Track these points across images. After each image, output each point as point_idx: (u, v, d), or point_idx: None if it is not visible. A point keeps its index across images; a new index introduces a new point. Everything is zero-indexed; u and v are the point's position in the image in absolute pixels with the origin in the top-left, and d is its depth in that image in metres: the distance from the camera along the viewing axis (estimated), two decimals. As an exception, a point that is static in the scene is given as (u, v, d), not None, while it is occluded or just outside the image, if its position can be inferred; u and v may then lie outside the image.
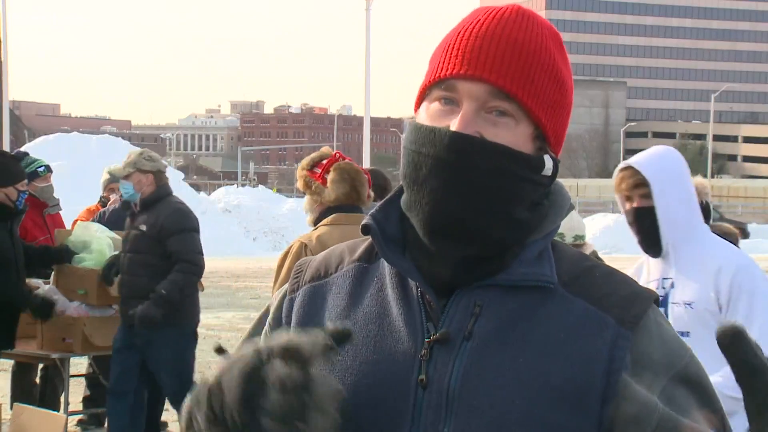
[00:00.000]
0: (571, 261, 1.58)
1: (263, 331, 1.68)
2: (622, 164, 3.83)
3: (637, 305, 1.52)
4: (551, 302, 1.51)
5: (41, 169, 7.93)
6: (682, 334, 3.58)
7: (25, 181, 6.73)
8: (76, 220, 8.57)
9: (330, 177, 4.91)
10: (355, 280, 1.61)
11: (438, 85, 1.52)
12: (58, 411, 7.01)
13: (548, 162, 1.54)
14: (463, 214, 1.48)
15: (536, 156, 1.52)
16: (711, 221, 6.13)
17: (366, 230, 1.58)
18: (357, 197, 4.92)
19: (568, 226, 7.33)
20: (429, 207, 1.49)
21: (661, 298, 3.62)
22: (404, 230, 1.57)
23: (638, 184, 3.74)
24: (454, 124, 1.48)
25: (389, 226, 1.58)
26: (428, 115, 1.53)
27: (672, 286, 3.73)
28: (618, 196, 3.86)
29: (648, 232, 3.76)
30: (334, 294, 1.61)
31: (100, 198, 8.97)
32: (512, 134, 1.49)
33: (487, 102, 1.49)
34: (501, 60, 1.48)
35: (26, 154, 8.13)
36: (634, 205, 3.77)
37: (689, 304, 3.68)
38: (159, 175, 6.89)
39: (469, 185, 1.47)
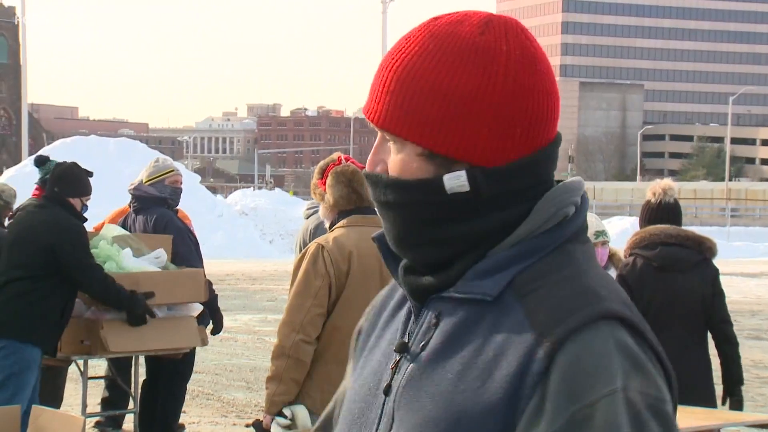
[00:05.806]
0: (551, 271, 1.46)
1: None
2: None
3: (571, 320, 1.36)
4: (489, 315, 1.45)
5: None
6: None
7: (90, 197, 6.92)
8: (103, 223, 8.50)
9: (327, 182, 4.92)
10: (400, 296, 1.65)
11: None
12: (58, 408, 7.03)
13: (456, 180, 1.48)
14: (398, 233, 1.54)
15: (432, 178, 1.49)
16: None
17: (375, 241, 1.64)
18: (358, 198, 4.89)
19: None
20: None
21: None
22: None
23: None
24: None
25: None
26: None
27: None
28: None
29: None
30: (386, 310, 1.67)
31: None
32: (399, 160, 1.52)
33: (383, 134, 1.55)
34: (372, 97, 1.54)
35: (47, 158, 8.16)
36: None
37: None
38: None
39: (387, 211, 1.55)
